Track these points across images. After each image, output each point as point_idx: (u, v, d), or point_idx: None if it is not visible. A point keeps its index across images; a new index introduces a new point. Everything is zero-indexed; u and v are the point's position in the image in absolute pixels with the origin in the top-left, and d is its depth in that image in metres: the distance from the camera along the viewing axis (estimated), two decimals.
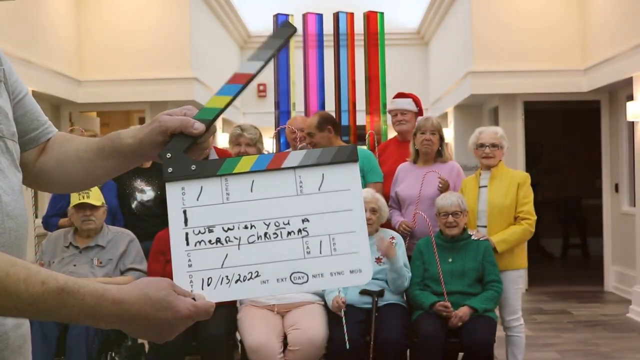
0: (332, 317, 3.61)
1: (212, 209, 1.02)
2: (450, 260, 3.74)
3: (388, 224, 4.04)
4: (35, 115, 1.19)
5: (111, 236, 3.79)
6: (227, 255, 1.00)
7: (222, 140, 9.02)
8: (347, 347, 3.45)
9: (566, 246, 10.48)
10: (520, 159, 7.53)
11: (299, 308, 3.65)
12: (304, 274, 1.00)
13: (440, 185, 3.93)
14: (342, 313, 3.55)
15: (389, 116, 4.74)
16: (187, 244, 1.00)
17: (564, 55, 7.40)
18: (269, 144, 8.84)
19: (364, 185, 4.04)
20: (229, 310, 3.69)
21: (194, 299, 0.97)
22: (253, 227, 1.02)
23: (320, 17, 5.62)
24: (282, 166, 1.04)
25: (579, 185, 10.50)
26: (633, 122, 6.44)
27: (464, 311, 3.60)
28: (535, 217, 3.91)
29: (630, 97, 6.39)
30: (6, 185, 1.03)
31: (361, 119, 5.48)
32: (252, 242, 1.01)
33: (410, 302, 3.77)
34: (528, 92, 7.48)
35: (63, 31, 6.95)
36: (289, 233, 1.02)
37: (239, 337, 3.78)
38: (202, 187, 1.03)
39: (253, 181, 1.04)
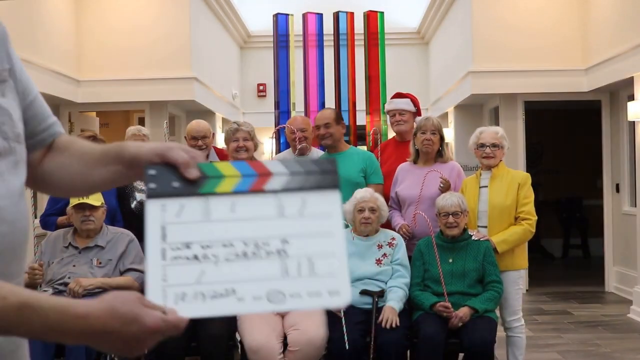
0: (332, 317, 3.60)
1: (192, 226, 1.02)
2: (450, 260, 3.73)
3: (388, 225, 4.03)
4: (44, 117, 1.18)
5: (111, 236, 3.78)
6: (203, 271, 0.99)
7: (221, 140, 9.01)
8: (347, 347, 3.44)
9: (567, 246, 10.46)
10: (520, 159, 7.52)
11: None
12: (281, 293, 0.99)
13: (442, 185, 3.92)
14: (342, 313, 3.54)
15: (388, 116, 4.74)
16: (164, 258, 0.99)
17: (564, 55, 7.39)
18: (268, 144, 8.86)
19: (366, 186, 4.04)
20: None
21: (164, 312, 0.95)
22: (232, 246, 1.01)
23: (320, 16, 5.62)
24: (265, 189, 1.05)
25: (579, 186, 10.48)
26: (634, 122, 6.43)
27: (464, 312, 3.59)
28: (536, 218, 3.90)
29: (631, 97, 6.38)
30: (4, 190, 1.01)
31: (361, 118, 5.48)
32: (230, 260, 1.00)
33: (410, 303, 3.76)
34: (528, 92, 7.47)
35: (62, 31, 6.94)
36: (267, 253, 1.01)
37: (239, 338, 3.77)
38: (182, 205, 1.02)
39: (234, 202, 1.04)
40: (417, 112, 4.56)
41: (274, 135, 4.83)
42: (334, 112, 4.46)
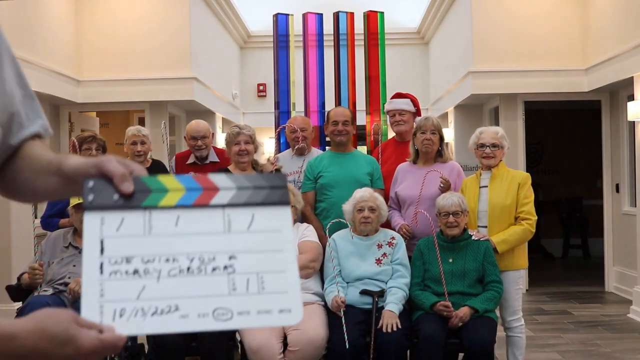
0: (332, 317, 3.60)
1: (132, 240, 0.97)
2: (450, 260, 3.73)
3: (388, 225, 4.03)
4: (20, 119, 1.15)
5: None
6: (144, 287, 0.94)
7: (221, 140, 9.01)
8: (347, 346, 3.44)
9: (567, 246, 10.46)
10: (520, 159, 7.52)
11: None
12: (229, 310, 0.95)
13: (442, 185, 3.92)
14: (342, 313, 3.54)
15: (388, 116, 4.73)
16: (101, 272, 0.94)
17: (564, 55, 7.39)
18: (269, 144, 8.85)
19: None
20: None
21: (101, 331, 0.89)
22: (175, 261, 0.97)
23: (320, 16, 5.62)
24: (210, 204, 1.01)
25: (579, 186, 10.49)
26: (634, 122, 6.43)
27: (464, 311, 3.59)
28: (536, 218, 3.90)
29: (631, 97, 6.38)
30: None
31: (361, 119, 5.47)
32: (173, 276, 0.96)
33: (410, 303, 3.76)
34: (528, 92, 7.47)
35: (62, 31, 6.94)
36: (213, 269, 0.97)
37: (239, 338, 3.77)
38: (123, 219, 0.98)
39: (179, 216, 1.00)
40: (417, 112, 4.56)
41: (276, 136, 4.83)
42: (351, 111, 4.51)
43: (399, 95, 4.58)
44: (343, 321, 3.50)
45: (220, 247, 0.99)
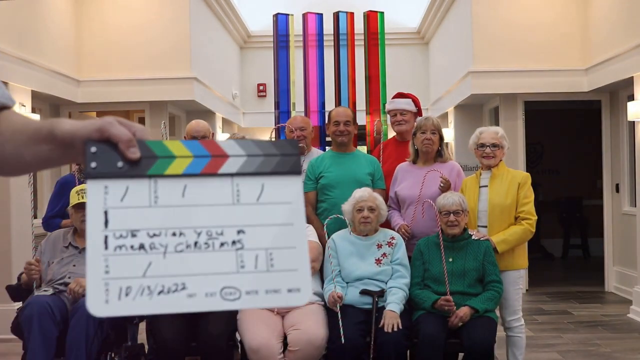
0: (331, 317, 3.60)
1: (138, 211, 0.92)
2: (450, 260, 3.73)
3: (388, 225, 4.03)
4: None
5: None
6: (150, 263, 0.90)
7: (221, 140, 9.00)
8: (342, 341, 3.43)
9: (567, 246, 10.47)
10: (520, 159, 7.52)
11: (299, 308, 3.63)
12: (237, 289, 0.91)
13: (442, 185, 3.92)
14: (338, 308, 3.54)
15: (388, 116, 4.73)
16: (106, 247, 0.90)
17: (564, 55, 7.39)
18: None
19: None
20: (229, 311, 3.67)
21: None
22: (182, 235, 0.93)
23: (320, 16, 5.62)
24: (219, 172, 0.97)
25: (579, 186, 10.49)
26: (634, 122, 6.43)
27: (464, 311, 3.59)
28: (536, 217, 3.90)
29: (631, 97, 6.38)
30: None
31: (361, 119, 5.47)
32: (180, 251, 0.92)
33: (410, 303, 3.76)
34: (528, 92, 7.47)
35: (62, 31, 6.94)
36: (221, 244, 0.93)
37: (239, 338, 3.77)
38: (127, 187, 0.93)
39: (185, 185, 0.95)
40: (418, 113, 4.56)
41: (274, 135, 4.83)
42: (352, 111, 4.50)
43: (400, 95, 4.58)
44: (339, 315, 3.50)
45: (229, 220, 0.95)
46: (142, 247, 0.91)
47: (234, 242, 0.94)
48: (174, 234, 0.93)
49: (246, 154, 0.99)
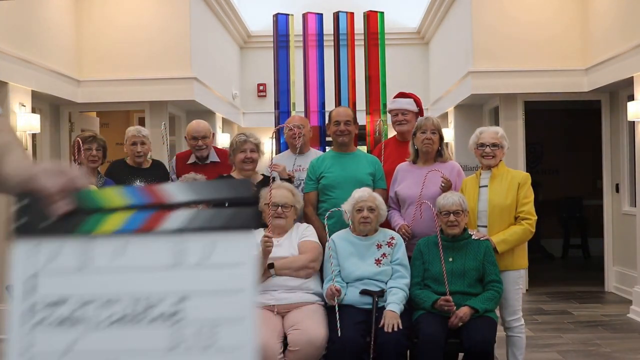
0: (331, 317, 3.59)
1: (69, 276, 0.82)
2: (450, 259, 3.73)
3: (387, 225, 4.02)
4: None
5: None
6: (78, 339, 0.82)
7: (221, 139, 9.01)
8: (339, 334, 3.43)
9: (567, 246, 10.46)
10: (520, 159, 7.52)
11: (299, 308, 3.64)
12: None
13: (443, 185, 3.91)
14: (336, 301, 3.54)
15: (389, 116, 4.73)
16: (31, 318, 0.81)
17: (564, 55, 7.39)
18: (268, 144, 8.84)
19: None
20: None
21: None
22: (117, 303, 0.82)
23: (320, 16, 5.62)
24: (160, 229, 0.85)
25: (579, 186, 10.49)
26: (634, 122, 6.43)
27: (464, 311, 3.59)
28: (536, 217, 3.90)
29: (631, 97, 6.38)
30: None
31: (361, 119, 5.47)
32: (112, 324, 0.82)
33: (410, 302, 3.76)
34: (528, 92, 7.47)
35: (62, 31, 6.94)
36: (160, 315, 0.83)
37: None
38: (58, 248, 0.83)
39: (122, 245, 0.85)
40: (420, 113, 4.56)
41: (274, 135, 4.83)
42: (352, 111, 4.50)
43: (402, 95, 4.57)
44: (336, 309, 3.50)
45: (170, 286, 0.84)
46: (71, 318, 0.81)
47: (174, 314, 0.84)
48: (108, 301, 0.82)
49: (195, 198, 0.88)
